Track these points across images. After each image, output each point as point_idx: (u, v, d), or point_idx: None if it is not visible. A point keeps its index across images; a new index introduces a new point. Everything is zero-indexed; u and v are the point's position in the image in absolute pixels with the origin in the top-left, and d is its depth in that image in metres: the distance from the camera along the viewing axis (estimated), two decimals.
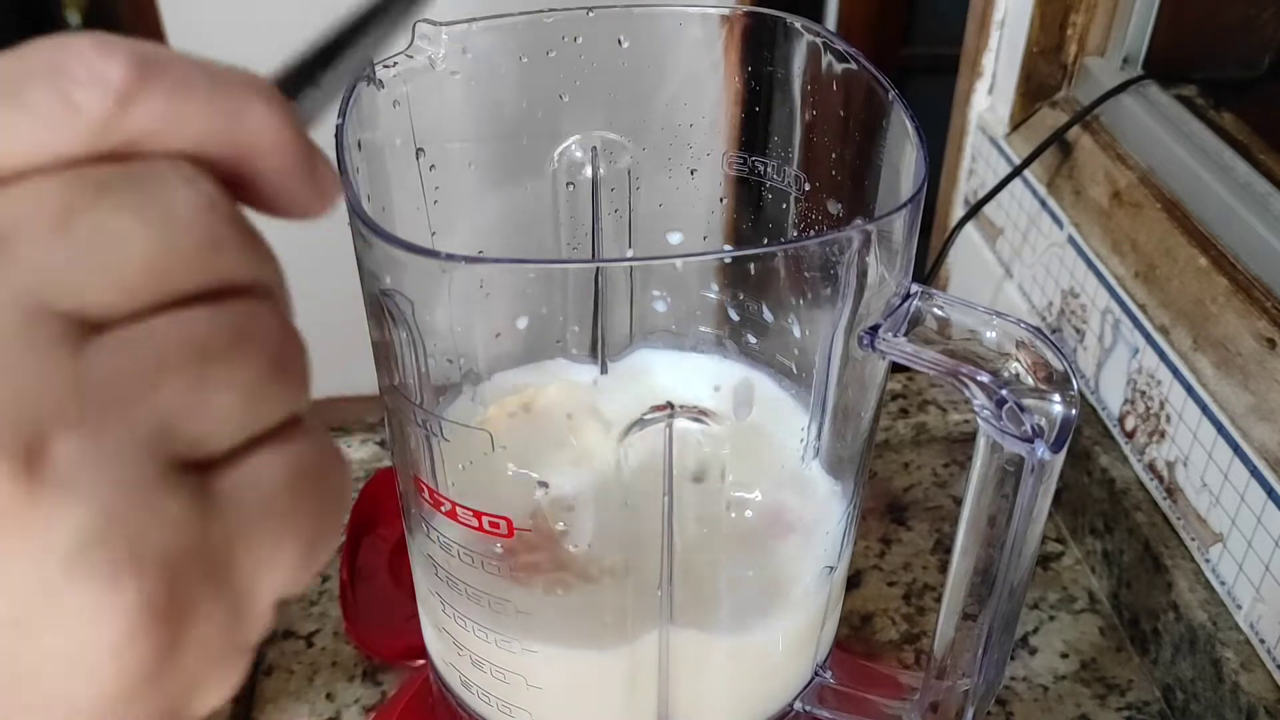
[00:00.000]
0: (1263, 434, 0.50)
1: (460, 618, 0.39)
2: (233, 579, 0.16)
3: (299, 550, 0.17)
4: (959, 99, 0.80)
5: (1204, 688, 0.52)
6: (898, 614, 0.58)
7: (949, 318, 0.34)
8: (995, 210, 0.75)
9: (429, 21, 0.39)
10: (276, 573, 0.17)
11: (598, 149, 0.44)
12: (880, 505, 0.64)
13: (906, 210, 0.33)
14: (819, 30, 0.40)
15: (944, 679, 0.41)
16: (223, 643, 0.16)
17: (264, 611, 0.17)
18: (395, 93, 0.38)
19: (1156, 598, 0.55)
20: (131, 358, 0.15)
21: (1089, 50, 0.70)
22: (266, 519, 0.17)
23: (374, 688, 0.54)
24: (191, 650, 0.16)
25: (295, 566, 0.17)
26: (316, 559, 0.18)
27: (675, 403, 0.35)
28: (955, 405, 0.68)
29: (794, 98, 0.42)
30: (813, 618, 0.42)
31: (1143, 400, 0.59)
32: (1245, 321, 0.53)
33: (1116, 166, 0.64)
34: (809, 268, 0.34)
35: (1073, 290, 0.66)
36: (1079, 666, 0.56)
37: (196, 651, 0.16)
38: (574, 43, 0.42)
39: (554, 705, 0.41)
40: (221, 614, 0.16)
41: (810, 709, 0.45)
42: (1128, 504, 0.58)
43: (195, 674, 0.16)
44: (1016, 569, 0.37)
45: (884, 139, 0.38)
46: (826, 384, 0.37)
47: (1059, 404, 0.33)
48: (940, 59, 1.01)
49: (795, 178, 0.43)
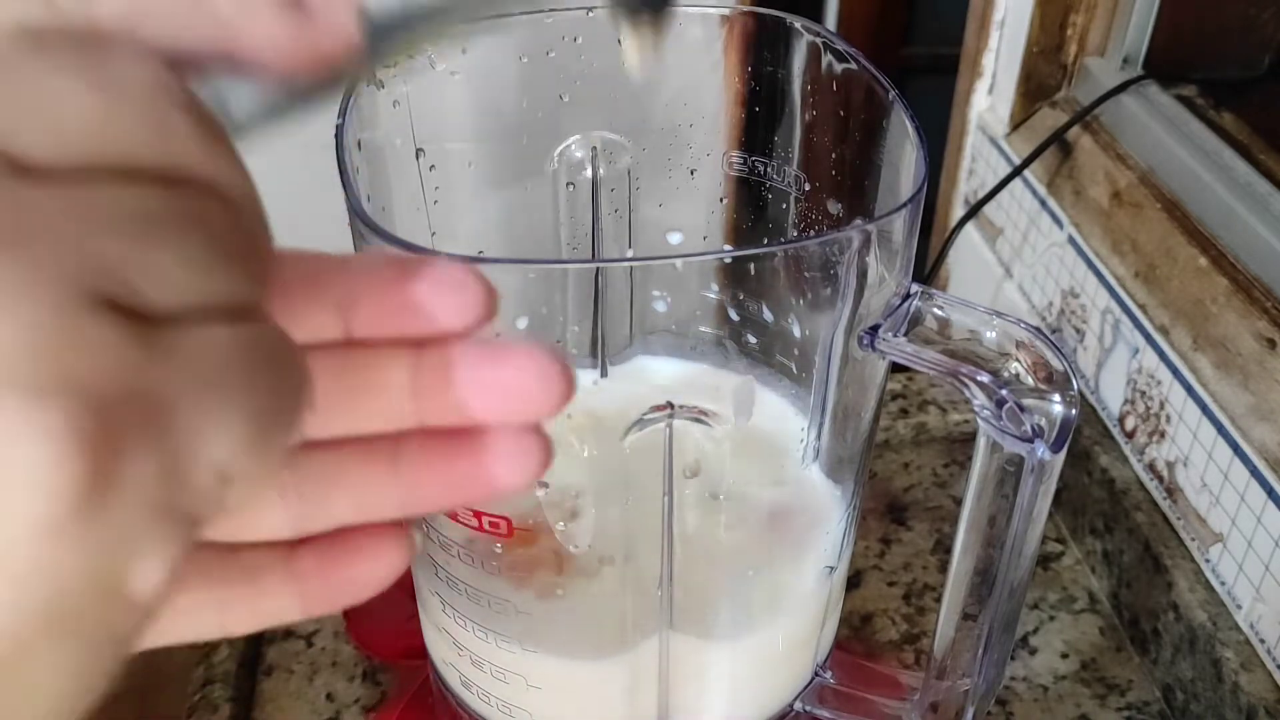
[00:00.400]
0: (1263, 434, 0.50)
1: (460, 618, 0.39)
2: (170, 432, 0.16)
3: (243, 422, 0.17)
4: (959, 99, 0.80)
5: (1204, 688, 0.52)
6: (898, 614, 0.58)
7: (949, 318, 0.34)
8: (995, 210, 0.75)
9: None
10: (218, 440, 0.17)
11: (598, 149, 0.44)
12: (880, 505, 0.65)
13: (906, 210, 0.33)
14: (819, 30, 0.40)
15: (944, 679, 0.41)
16: (158, 500, 0.16)
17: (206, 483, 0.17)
18: (395, 93, 0.38)
19: (1156, 598, 0.55)
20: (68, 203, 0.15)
21: (1089, 50, 0.70)
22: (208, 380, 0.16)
23: (374, 688, 0.54)
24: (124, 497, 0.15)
25: (240, 440, 0.17)
26: (265, 441, 0.17)
27: (675, 403, 0.35)
28: (955, 405, 0.68)
29: (794, 98, 0.42)
30: (813, 618, 0.42)
31: (1143, 400, 0.59)
32: (1245, 321, 0.53)
33: (1116, 166, 0.64)
34: (809, 268, 0.34)
35: (1073, 290, 0.66)
36: (1079, 666, 0.56)
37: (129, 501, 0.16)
38: (574, 43, 0.42)
39: (554, 705, 0.41)
40: (155, 465, 0.16)
41: (810, 709, 0.45)
42: (1128, 504, 0.58)
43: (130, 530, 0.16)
44: (1016, 569, 0.37)
45: (884, 139, 0.38)
46: (826, 384, 0.37)
47: (1059, 404, 0.33)
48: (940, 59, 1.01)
49: (795, 178, 0.43)
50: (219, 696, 0.52)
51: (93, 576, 0.16)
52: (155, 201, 0.16)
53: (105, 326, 0.15)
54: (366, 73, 0.20)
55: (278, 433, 0.18)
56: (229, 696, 0.52)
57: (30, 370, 0.14)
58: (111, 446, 0.15)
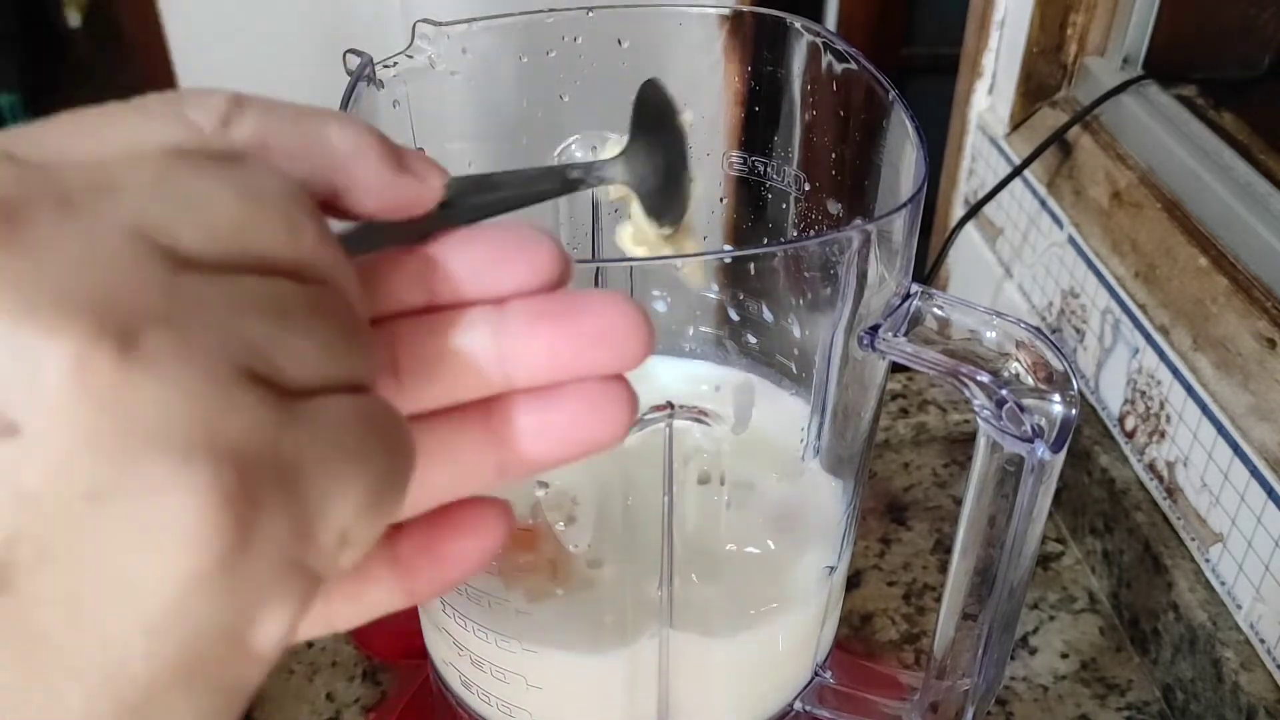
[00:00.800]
0: (1263, 434, 0.50)
1: (460, 618, 0.39)
2: (301, 493, 0.17)
3: (364, 487, 0.18)
4: (959, 99, 0.80)
5: (1204, 688, 0.52)
6: (898, 614, 0.58)
7: (949, 318, 0.34)
8: (995, 210, 0.75)
9: (429, 21, 0.39)
10: (342, 502, 0.18)
11: (598, 149, 0.44)
12: (880, 505, 0.65)
13: (906, 210, 0.33)
14: (819, 30, 0.40)
15: (944, 679, 0.41)
16: (288, 557, 0.17)
17: (330, 543, 0.18)
18: (395, 93, 0.38)
19: (1156, 598, 0.55)
20: (219, 291, 0.17)
21: (1089, 50, 0.70)
22: (336, 447, 0.18)
23: (374, 688, 0.54)
24: (259, 552, 0.17)
25: (360, 503, 0.18)
26: (380, 505, 0.19)
27: (675, 403, 0.35)
28: (955, 405, 0.68)
29: (794, 98, 0.42)
30: (813, 618, 0.42)
31: (1143, 400, 0.59)
32: (1245, 321, 0.53)
33: (1116, 166, 0.64)
34: (809, 268, 0.34)
35: (1073, 290, 0.66)
36: (1079, 666, 0.56)
37: (263, 556, 0.17)
38: (574, 43, 0.42)
39: (554, 705, 0.41)
40: (288, 524, 0.17)
41: (810, 709, 0.45)
42: (1128, 504, 0.58)
43: (261, 584, 0.17)
44: (1016, 569, 0.37)
45: (884, 139, 0.38)
46: (826, 384, 0.37)
47: (1059, 404, 0.33)
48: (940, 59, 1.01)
49: (795, 178, 0.43)
50: None
51: (224, 627, 0.17)
52: (288, 290, 0.18)
53: (249, 396, 0.17)
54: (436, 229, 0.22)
55: (391, 497, 0.19)
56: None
57: (184, 433, 0.16)
58: (252, 503, 0.16)
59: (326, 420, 0.18)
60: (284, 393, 0.17)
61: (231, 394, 0.16)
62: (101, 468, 0.15)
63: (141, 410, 0.16)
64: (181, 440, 0.16)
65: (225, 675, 0.17)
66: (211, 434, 0.16)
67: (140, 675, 0.16)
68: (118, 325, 0.16)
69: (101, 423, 0.15)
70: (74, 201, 0.17)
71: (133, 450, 0.16)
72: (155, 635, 0.16)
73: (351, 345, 0.19)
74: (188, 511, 0.16)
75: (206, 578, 0.16)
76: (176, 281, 0.17)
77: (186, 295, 0.17)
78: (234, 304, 0.17)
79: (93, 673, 0.16)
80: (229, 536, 0.16)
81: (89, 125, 0.18)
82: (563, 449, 0.22)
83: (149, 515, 0.16)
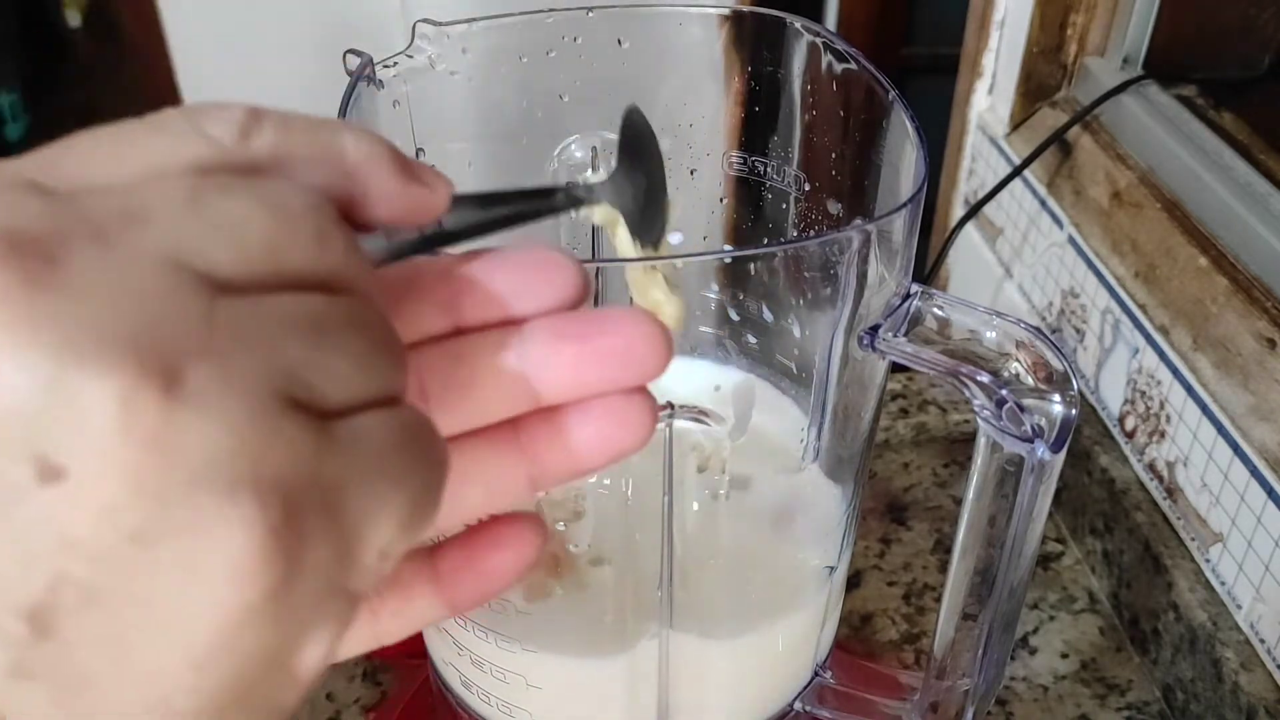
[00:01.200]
0: (1263, 434, 0.50)
1: (460, 618, 0.39)
2: (343, 517, 0.17)
3: (404, 504, 0.18)
4: (959, 99, 0.80)
5: (1204, 688, 0.52)
6: (898, 614, 0.58)
7: (949, 318, 0.34)
8: (995, 210, 0.75)
9: (429, 21, 0.39)
10: (383, 522, 0.18)
11: (597, 149, 0.44)
12: (880, 505, 0.65)
13: (906, 210, 0.33)
14: (819, 30, 0.40)
15: (944, 679, 0.41)
16: (332, 581, 0.17)
17: (370, 562, 0.18)
18: (395, 93, 0.38)
19: (1156, 598, 0.55)
20: (256, 313, 0.17)
21: (1089, 50, 0.70)
22: (375, 466, 0.18)
23: (374, 688, 0.54)
24: (304, 581, 0.17)
25: (400, 520, 0.18)
26: (419, 519, 0.19)
27: (675, 403, 0.35)
28: (955, 405, 0.68)
29: (794, 98, 0.42)
30: (813, 618, 0.42)
31: (1143, 400, 0.59)
32: (1245, 321, 0.53)
33: (1116, 166, 0.64)
34: (809, 268, 0.34)
35: (1073, 290, 0.66)
36: (1079, 666, 0.56)
37: (308, 584, 0.17)
38: (574, 43, 0.42)
39: (554, 705, 0.41)
40: (332, 549, 0.17)
41: (810, 709, 0.45)
42: (1128, 504, 0.58)
43: (306, 611, 0.17)
44: (1016, 569, 0.37)
45: (884, 139, 0.38)
46: (826, 384, 0.37)
47: (1059, 404, 0.33)
48: (940, 59, 1.01)
49: (795, 178, 0.43)
50: None
51: (270, 657, 0.17)
52: (322, 305, 0.18)
53: (291, 424, 0.17)
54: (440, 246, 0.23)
55: (429, 510, 0.19)
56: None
57: (230, 469, 0.16)
58: (298, 534, 0.16)
59: (367, 440, 0.18)
60: (323, 414, 0.17)
61: (274, 424, 0.16)
62: (148, 509, 0.15)
63: (187, 449, 0.16)
64: (227, 477, 0.16)
65: (268, 703, 0.17)
66: (256, 467, 0.16)
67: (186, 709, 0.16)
68: (161, 363, 0.16)
69: (147, 464, 0.15)
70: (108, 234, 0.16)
71: (179, 490, 0.16)
72: (201, 670, 0.16)
73: (385, 356, 0.19)
74: (235, 548, 0.16)
75: (254, 611, 0.16)
76: (215, 308, 0.17)
77: (226, 323, 0.17)
78: (271, 326, 0.17)
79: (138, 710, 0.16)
80: (277, 570, 0.16)
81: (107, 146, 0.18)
82: (591, 461, 0.23)
83: (196, 554, 0.16)
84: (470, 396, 0.22)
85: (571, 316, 0.22)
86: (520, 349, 0.22)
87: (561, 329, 0.22)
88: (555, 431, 0.22)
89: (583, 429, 0.22)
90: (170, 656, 0.16)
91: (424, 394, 0.22)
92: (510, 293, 0.22)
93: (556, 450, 0.23)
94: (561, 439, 0.22)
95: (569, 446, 0.22)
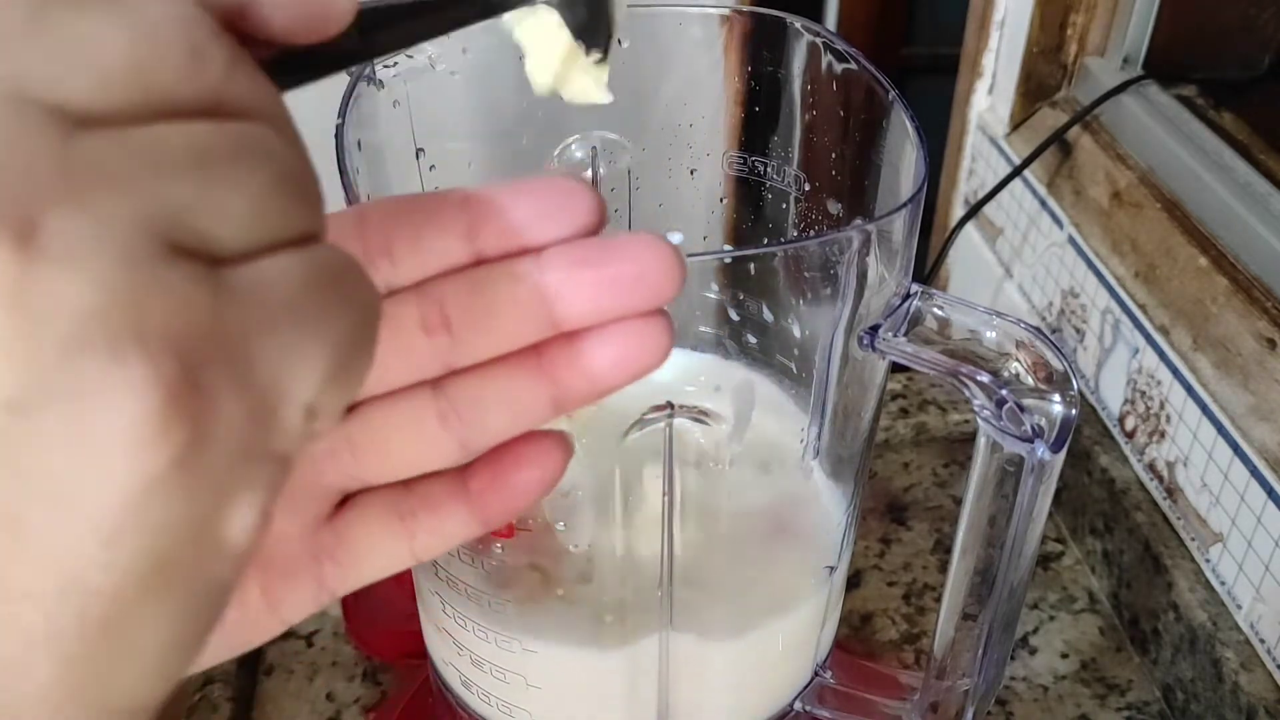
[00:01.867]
0: (1263, 434, 0.50)
1: (460, 618, 0.39)
2: (254, 372, 0.16)
3: (326, 353, 0.17)
4: (959, 99, 0.80)
5: (1204, 688, 0.52)
6: (898, 614, 0.58)
7: (949, 318, 0.34)
8: (995, 210, 0.75)
9: None
10: (303, 374, 0.17)
11: (598, 149, 0.44)
12: (880, 505, 0.65)
13: (906, 210, 0.33)
14: (819, 30, 0.40)
15: (944, 679, 0.41)
16: (250, 443, 0.16)
17: (295, 421, 0.17)
18: (395, 93, 0.38)
19: (1156, 598, 0.55)
20: (124, 149, 0.15)
21: (1089, 50, 0.70)
22: (285, 312, 0.16)
23: (374, 688, 0.54)
24: (216, 445, 0.15)
25: (324, 371, 0.17)
26: (347, 370, 0.18)
27: (675, 403, 0.35)
28: (955, 405, 0.68)
29: (794, 98, 0.42)
30: (813, 618, 0.42)
31: (1143, 400, 0.59)
32: (1245, 321, 0.53)
33: (1116, 166, 0.64)
34: (809, 268, 0.34)
35: (1073, 290, 0.66)
36: (1079, 666, 0.56)
37: (221, 447, 0.15)
38: None
39: (554, 705, 0.41)
40: (245, 408, 0.16)
41: (810, 709, 0.45)
42: (1128, 504, 0.58)
43: (223, 476, 0.16)
44: (1016, 569, 0.37)
45: (884, 139, 0.38)
46: (826, 384, 0.37)
47: (1059, 404, 0.33)
48: (940, 59, 1.01)
49: (795, 178, 0.43)
50: (219, 696, 0.52)
51: (188, 528, 0.15)
52: (205, 136, 0.16)
53: (176, 272, 0.15)
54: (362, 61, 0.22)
55: (359, 358, 0.18)
56: (229, 696, 0.52)
57: (108, 328, 0.14)
58: (200, 393, 0.15)
59: (273, 285, 0.16)
60: (218, 261, 0.16)
61: (154, 273, 0.15)
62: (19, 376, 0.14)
63: (54, 307, 0.14)
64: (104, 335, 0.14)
65: (198, 576, 0.16)
66: (139, 323, 0.14)
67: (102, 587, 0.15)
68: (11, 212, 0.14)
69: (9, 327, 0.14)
70: None
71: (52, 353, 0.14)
72: (111, 545, 0.15)
73: (291, 191, 0.17)
74: (128, 413, 0.14)
75: (160, 479, 0.15)
76: (71, 147, 0.15)
77: (86, 161, 0.15)
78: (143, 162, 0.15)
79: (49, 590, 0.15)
80: (181, 434, 0.15)
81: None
82: (612, 381, 0.23)
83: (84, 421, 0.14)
84: (491, 324, 0.22)
85: (588, 244, 0.22)
86: (539, 276, 0.22)
87: (579, 256, 0.22)
88: (576, 355, 0.23)
89: (602, 352, 0.23)
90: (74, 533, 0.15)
91: (447, 323, 0.22)
92: (528, 221, 0.22)
93: (578, 373, 0.23)
94: (582, 362, 0.23)
95: (590, 369, 0.23)
